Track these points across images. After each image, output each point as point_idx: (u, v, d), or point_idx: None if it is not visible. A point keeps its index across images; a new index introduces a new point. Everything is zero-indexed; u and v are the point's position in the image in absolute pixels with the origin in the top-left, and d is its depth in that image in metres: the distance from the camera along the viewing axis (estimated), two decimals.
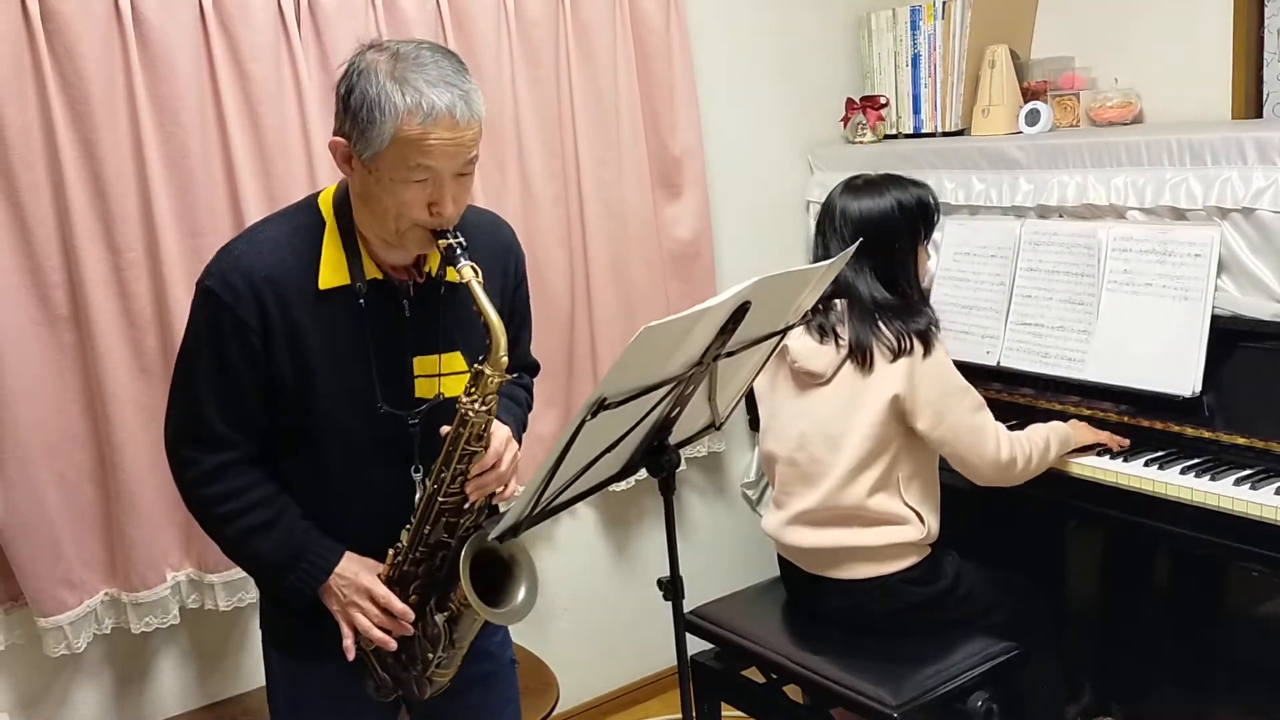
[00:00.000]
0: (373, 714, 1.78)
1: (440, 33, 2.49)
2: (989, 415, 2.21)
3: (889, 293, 2.21)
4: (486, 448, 1.59)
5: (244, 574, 2.33)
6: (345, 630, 1.63)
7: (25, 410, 2.14)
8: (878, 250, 2.20)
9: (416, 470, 1.66)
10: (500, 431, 1.63)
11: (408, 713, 1.86)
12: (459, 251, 1.53)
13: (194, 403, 1.60)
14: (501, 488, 1.65)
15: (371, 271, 1.62)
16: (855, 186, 2.28)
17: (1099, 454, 2.30)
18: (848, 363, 2.20)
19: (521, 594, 1.64)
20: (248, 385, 1.59)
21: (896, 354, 2.15)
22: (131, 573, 2.26)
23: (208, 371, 1.58)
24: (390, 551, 1.64)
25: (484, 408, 1.55)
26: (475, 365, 1.55)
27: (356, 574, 1.63)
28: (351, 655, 1.63)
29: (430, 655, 1.67)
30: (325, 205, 1.64)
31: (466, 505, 1.62)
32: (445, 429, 1.57)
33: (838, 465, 2.21)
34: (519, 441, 1.73)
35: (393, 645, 1.63)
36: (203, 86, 2.24)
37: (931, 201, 2.30)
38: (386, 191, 1.52)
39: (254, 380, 1.59)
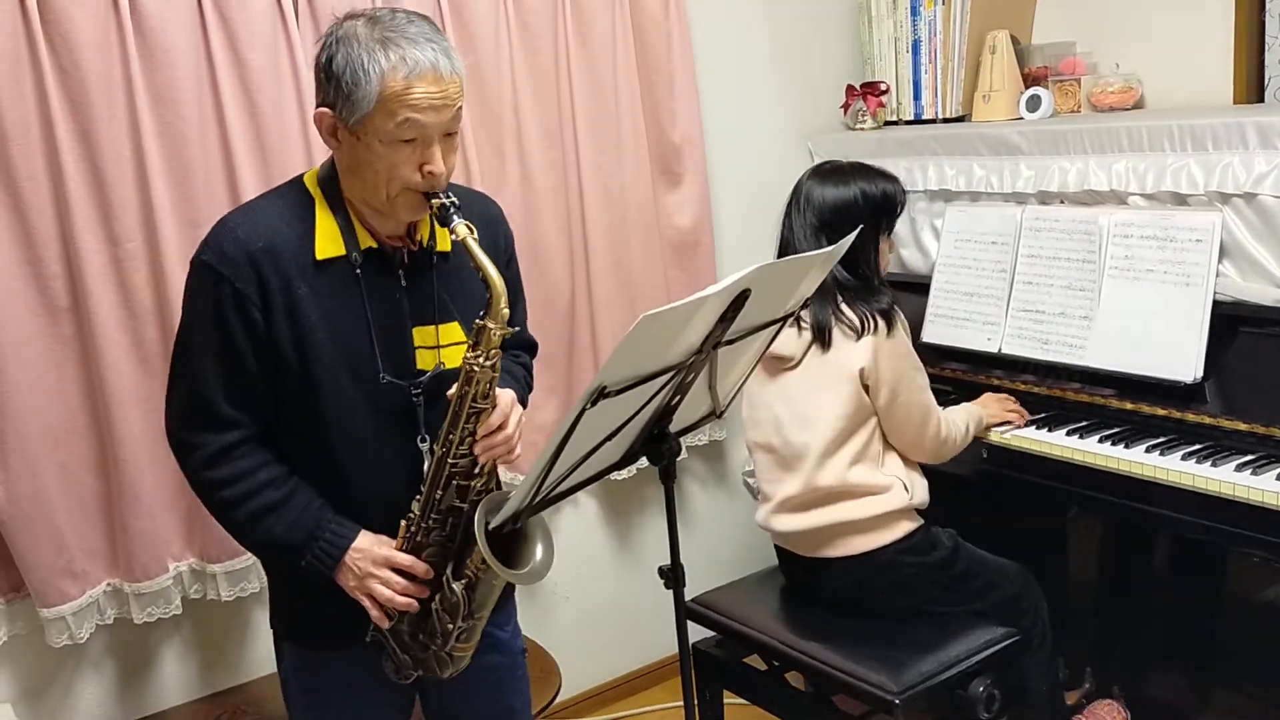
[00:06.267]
0: (388, 703, 1.78)
1: (438, 19, 2.48)
2: (932, 396, 2.29)
3: (850, 275, 2.23)
4: (493, 406, 1.59)
5: (246, 564, 2.35)
6: (367, 605, 1.62)
7: (26, 402, 2.14)
8: (839, 235, 2.21)
9: (423, 440, 1.65)
10: (505, 394, 1.63)
11: (423, 707, 1.86)
12: (451, 210, 1.54)
13: (196, 382, 1.59)
14: (509, 452, 1.64)
15: (366, 241, 1.63)
16: (824, 172, 2.31)
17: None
18: (814, 345, 2.23)
19: (539, 553, 1.63)
20: (250, 361, 1.58)
21: (860, 332, 2.19)
22: (133, 563, 2.26)
23: (209, 348, 1.57)
24: (403, 523, 1.63)
25: (488, 363, 1.55)
26: (477, 321, 1.55)
27: (371, 547, 1.62)
28: (386, 624, 1.63)
29: (450, 626, 1.65)
30: (311, 183, 1.65)
31: (476, 469, 1.61)
32: (451, 393, 1.58)
33: (813, 445, 2.23)
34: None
35: (416, 607, 1.63)
36: (200, 75, 2.24)
37: (898, 197, 2.31)
38: (376, 156, 1.53)
39: (256, 355, 1.58)
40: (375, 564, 1.61)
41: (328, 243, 1.60)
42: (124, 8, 2.13)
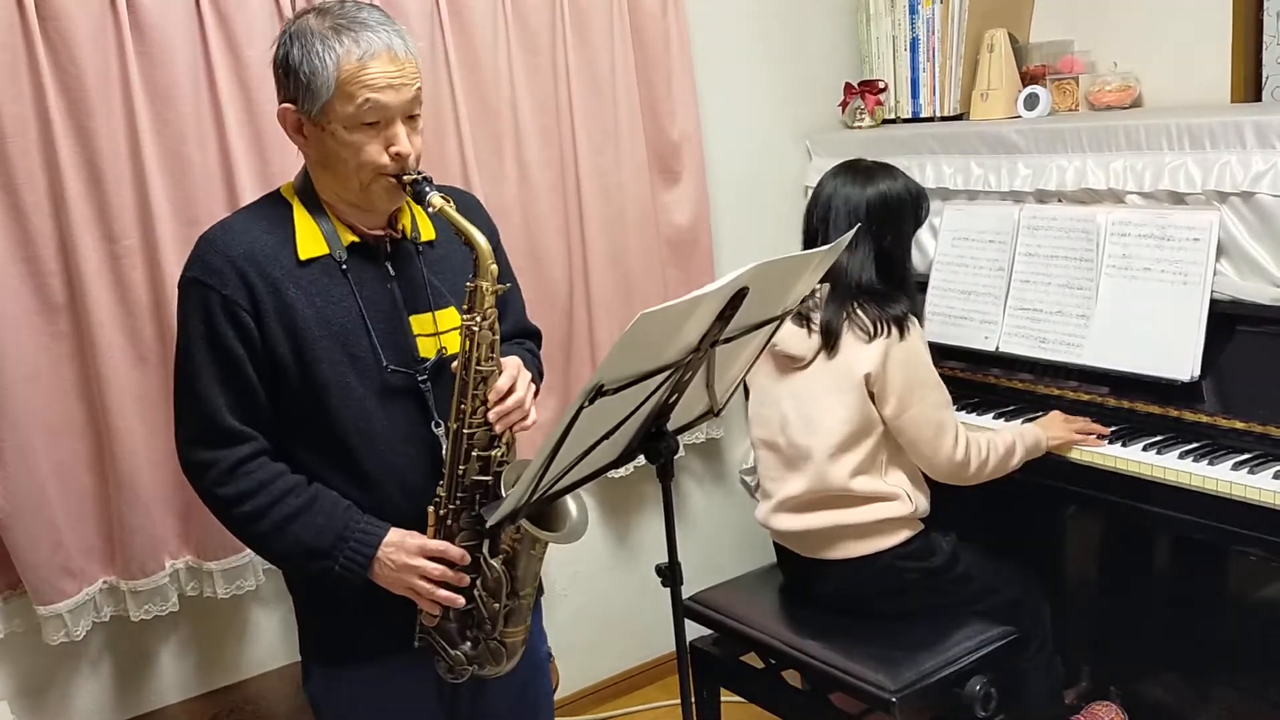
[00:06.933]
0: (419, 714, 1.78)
1: (436, 18, 2.48)
2: (951, 414, 2.24)
3: (879, 276, 2.22)
4: (500, 370, 1.60)
5: (243, 562, 2.35)
6: (413, 597, 1.61)
7: (23, 399, 2.13)
8: (885, 232, 2.21)
9: (437, 425, 1.66)
10: (510, 359, 1.65)
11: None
12: (425, 186, 1.56)
13: (200, 401, 1.59)
14: (524, 417, 1.64)
15: (347, 237, 1.64)
16: (862, 169, 2.29)
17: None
18: (822, 348, 2.22)
19: (573, 511, 1.64)
20: (248, 369, 1.58)
21: (872, 335, 2.17)
22: (130, 560, 2.26)
23: (207, 364, 1.58)
24: (430, 509, 1.63)
25: (486, 321, 1.57)
26: (468, 283, 1.57)
27: (403, 539, 1.61)
28: (436, 611, 1.62)
29: (496, 606, 1.64)
30: (287, 192, 1.67)
31: (494, 441, 1.62)
32: (455, 364, 1.59)
33: (818, 448, 2.22)
34: (536, 386, 1.73)
35: (461, 601, 1.62)
36: (198, 73, 2.23)
37: (925, 200, 2.33)
38: (342, 144, 1.56)
39: (255, 365, 1.58)
40: (410, 553, 1.60)
41: (309, 243, 1.62)
42: (121, 5, 2.12)
